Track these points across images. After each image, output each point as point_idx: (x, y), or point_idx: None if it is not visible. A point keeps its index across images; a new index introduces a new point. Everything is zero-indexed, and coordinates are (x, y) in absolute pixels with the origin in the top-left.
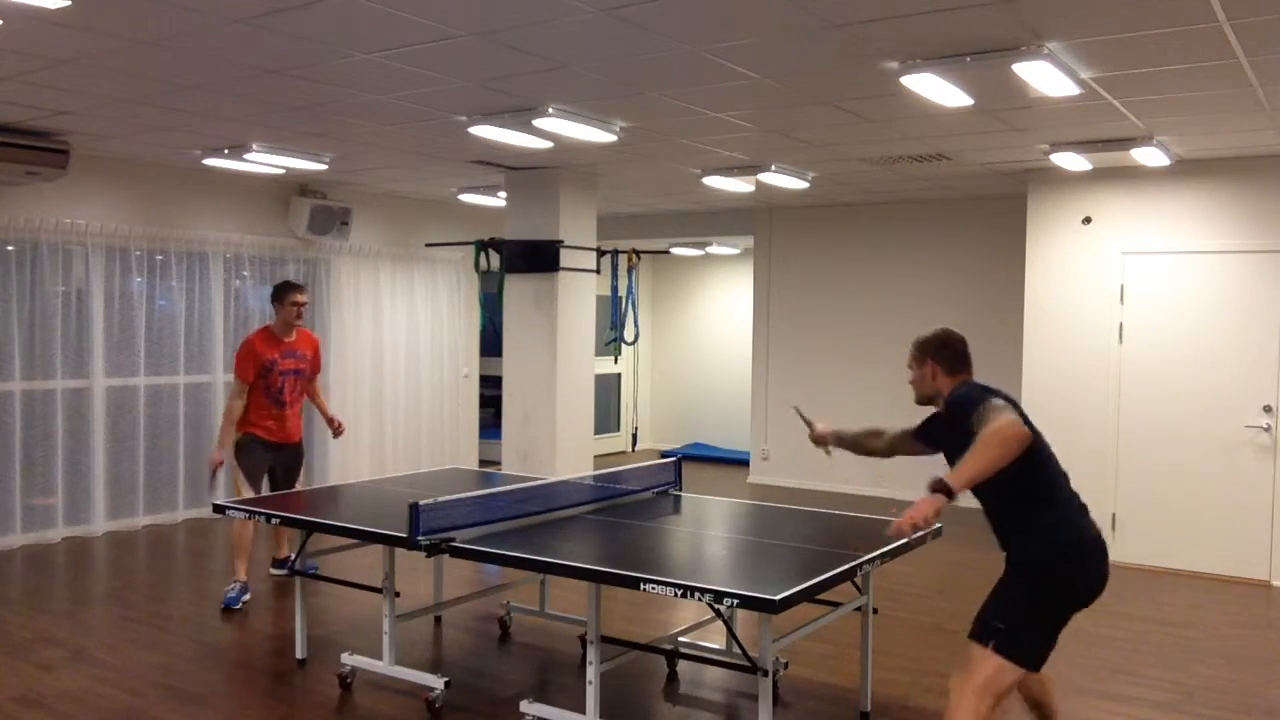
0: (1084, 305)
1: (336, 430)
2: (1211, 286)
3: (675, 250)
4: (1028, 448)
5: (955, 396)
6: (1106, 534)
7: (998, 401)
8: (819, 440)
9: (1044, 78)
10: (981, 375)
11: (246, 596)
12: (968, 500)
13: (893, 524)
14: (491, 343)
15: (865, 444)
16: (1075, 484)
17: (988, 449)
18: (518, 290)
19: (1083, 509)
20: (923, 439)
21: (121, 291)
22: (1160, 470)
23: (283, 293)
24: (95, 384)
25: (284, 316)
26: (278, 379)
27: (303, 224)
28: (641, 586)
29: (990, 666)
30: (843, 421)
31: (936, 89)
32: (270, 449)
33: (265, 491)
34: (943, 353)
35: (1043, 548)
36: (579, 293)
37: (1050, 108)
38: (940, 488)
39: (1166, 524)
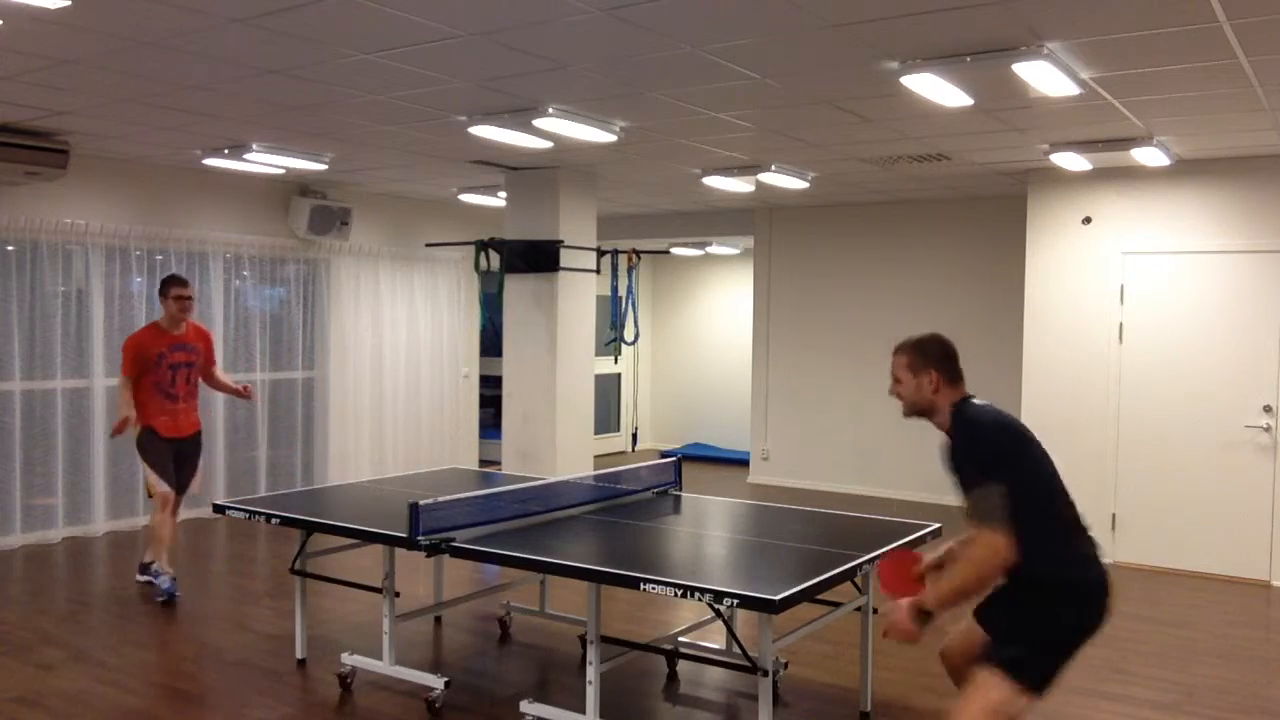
0: (1084, 305)
1: (246, 394)
2: (1211, 286)
3: (675, 250)
4: (1036, 491)
5: (970, 435)
6: (1106, 534)
7: (999, 489)
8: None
9: (1044, 78)
10: (981, 375)
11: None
12: None
13: (885, 628)
14: (491, 343)
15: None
16: (1076, 485)
17: (970, 572)
18: (518, 290)
19: (1091, 538)
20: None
21: (121, 291)
22: (1160, 470)
23: (166, 287)
24: (95, 384)
25: (168, 311)
26: (167, 372)
27: (303, 224)
28: (641, 586)
29: (1000, 693)
30: (848, 426)
31: (936, 89)
32: (168, 443)
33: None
34: (946, 362)
35: (1064, 575)
36: (579, 293)
37: (1050, 108)
38: (920, 608)
39: (1166, 524)
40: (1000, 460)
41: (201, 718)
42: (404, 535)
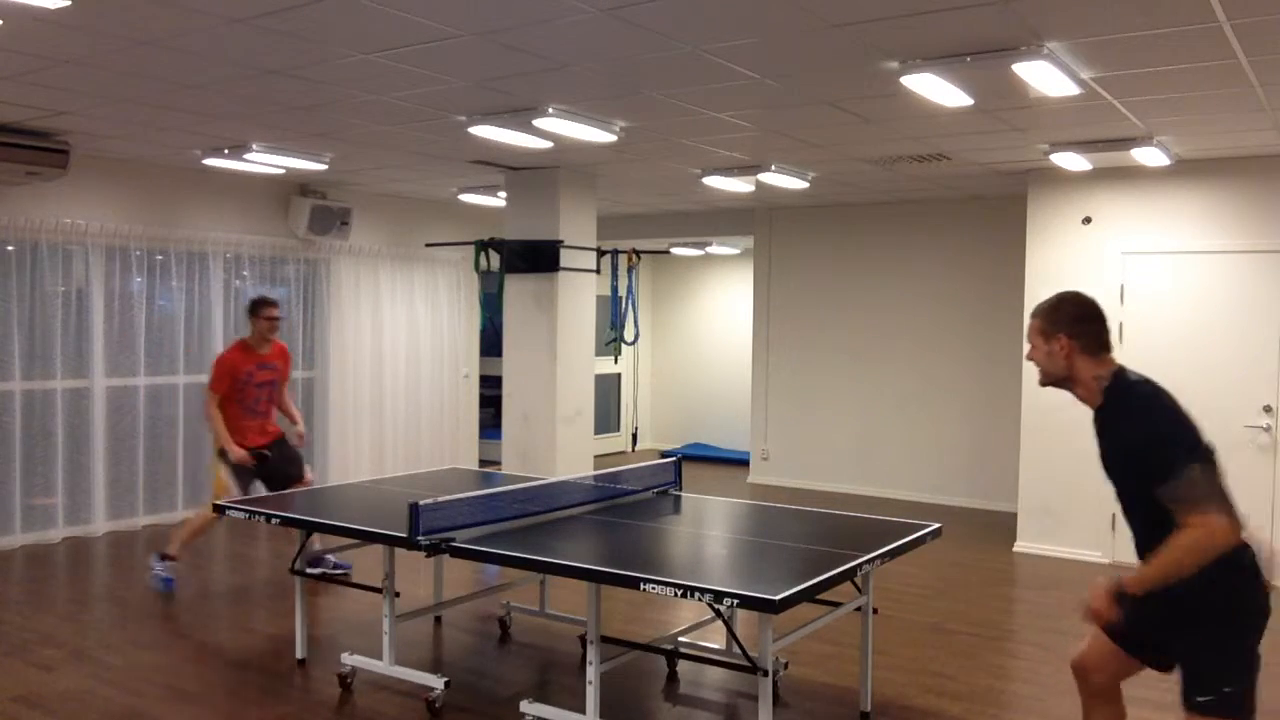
0: None
1: (298, 438)
2: (1211, 286)
3: (675, 250)
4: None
5: (1137, 423)
6: (1106, 534)
7: (1199, 471)
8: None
9: (1044, 78)
10: (982, 375)
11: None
12: (967, 501)
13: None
14: (491, 343)
15: None
16: (1077, 485)
17: (1178, 554)
18: (518, 290)
19: None
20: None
21: (121, 291)
22: None
23: (258, 308)
24: (95, 384)
25: (259, 330)
26: (254, 391)
27: (303, 224)
28: (641, 586)
29: None
30: (848, 426)
31: (936, 89)
32: (254, 457)
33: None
34: (1080, 327)
35: (1236, 583)
36: (579, 293)
37: (1050, 108)
38: (1118, 592)
39: None
40: (1193, 439)
41: (201, 718)
42: (404, 535)
